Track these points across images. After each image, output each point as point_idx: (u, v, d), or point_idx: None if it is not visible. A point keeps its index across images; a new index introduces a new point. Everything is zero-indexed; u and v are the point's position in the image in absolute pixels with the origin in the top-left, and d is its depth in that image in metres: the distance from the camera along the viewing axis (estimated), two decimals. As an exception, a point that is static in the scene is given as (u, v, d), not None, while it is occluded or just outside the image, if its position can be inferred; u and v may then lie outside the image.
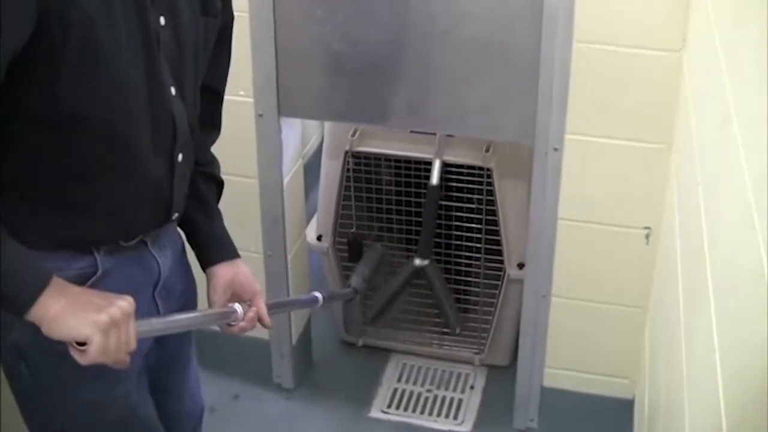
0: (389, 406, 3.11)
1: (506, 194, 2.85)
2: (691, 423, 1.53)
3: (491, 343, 3.17)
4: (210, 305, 1.82)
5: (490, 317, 3.10)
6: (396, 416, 3.07)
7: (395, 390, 3.18)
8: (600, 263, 2.61)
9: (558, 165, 2.48)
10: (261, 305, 1.84)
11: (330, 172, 3.01)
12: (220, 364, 3.01)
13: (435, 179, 2.86)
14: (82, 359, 1.39)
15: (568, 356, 2.81)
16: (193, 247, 1.87)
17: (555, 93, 2.38)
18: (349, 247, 3.01)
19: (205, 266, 1.85)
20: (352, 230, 3.07)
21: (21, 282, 1.37)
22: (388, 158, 2.96)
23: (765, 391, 1.02)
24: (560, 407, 2.89)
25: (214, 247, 1.86)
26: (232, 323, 1.79)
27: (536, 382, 2.87)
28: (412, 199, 2.98)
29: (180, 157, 1.65)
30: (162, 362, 1.84)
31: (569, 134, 2.43)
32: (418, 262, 3.03)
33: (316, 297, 2.37)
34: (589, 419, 2.87)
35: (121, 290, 1.48)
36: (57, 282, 1.40)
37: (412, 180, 2.95)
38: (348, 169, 3.00)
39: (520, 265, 2.88)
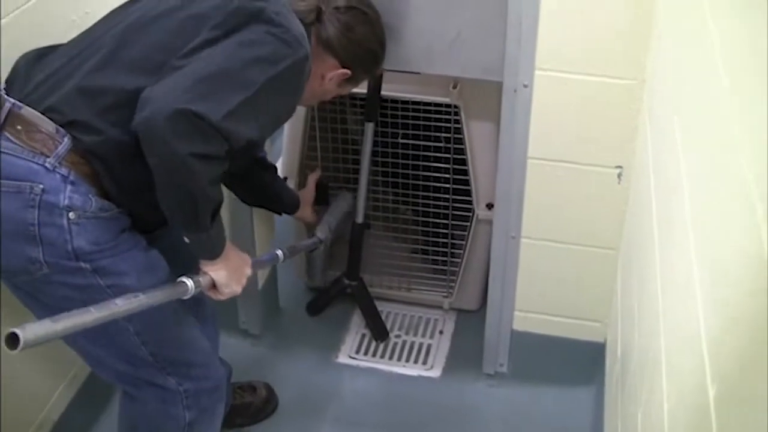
0: (357, 352, 3.07)
1: (474, 133, 2.78)
2: (669, 359, 1.49)
3: (460, 287, 3.13)
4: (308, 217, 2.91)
5: (459, 260, 3.06)
6: (364, 362, 3.03)
7: (363, 335, 3.14)
8: (571, 203, 2.56)
9: (528, 102, 2.41)
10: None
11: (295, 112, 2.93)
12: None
13: (360, 218, 3.01)
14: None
15: (539, 299, 2.77)
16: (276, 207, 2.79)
17: (524, 27, 2.30)
18: (316, 189, 2.94)
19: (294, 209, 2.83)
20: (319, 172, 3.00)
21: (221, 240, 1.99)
22: (353, 97, 2.89)
23: (749, 317, 0.97)
24: (530, 351, 2.86)
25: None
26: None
27: (506, 326, 2.83)
28: (378, 139, 2.91)
29: None
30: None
31: (539, 70, 2.36)
32: (346, 281, 3.11)
33: (277, 254, 2.45)
34: (559, 363, 2.85)
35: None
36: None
37: (379, 119, 2.88)
38: (313, 109, 2.92)
39: (489, 206, 2.83)
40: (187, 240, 1.93)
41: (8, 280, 1.99)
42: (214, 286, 2.02)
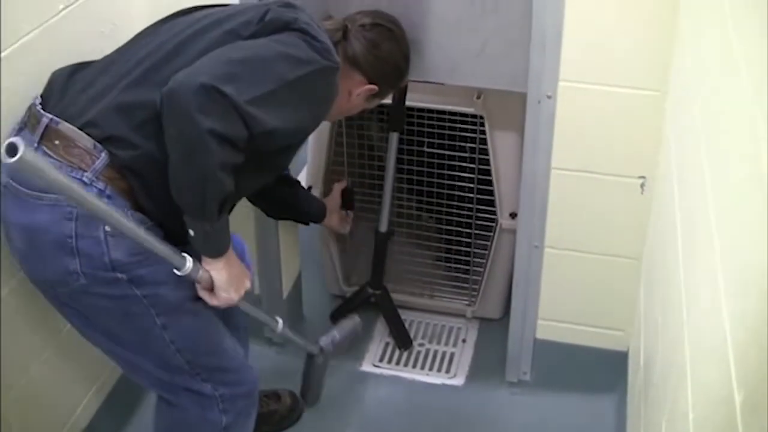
0: (381, 360, 3.09)
1: (498, 142, 2.80)
2: (694, 369, 1.50)
3: (483, 295, 3.14)
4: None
5: (482, 269, 3.07)
6: (388, 370, 3.05)
7: (387, 344, 3.16)
8: (594, 213, 2.58)
9: (551, 113, 2.43)
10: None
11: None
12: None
13: (384, 226, 3.02)
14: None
15: (562, 308, 2.78)
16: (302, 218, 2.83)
17: (548, 38, 2.32)
18: (342, 195, 2.96)
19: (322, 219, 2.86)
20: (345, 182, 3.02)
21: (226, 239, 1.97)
22: (378, 107, 2.88)
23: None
24: (553, 360, 2.87)
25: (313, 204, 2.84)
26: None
27: (529, 335, 2.84)
28: (403, 147, 2.94)
29: None
30: None
31: (563, 81, 2.38)
32: (370, 290, 3.12)
33: (277, 320, 2.40)
34: (582, 372, 2.86)
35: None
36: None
37: (403, 128, 2.90)
38: (338, 119, 2.94)
39: (513, 215, 2.85)
40: (191, 232, 1.90)
41: (45, 289, 2.02)
42: (211, 288, 2.00)
